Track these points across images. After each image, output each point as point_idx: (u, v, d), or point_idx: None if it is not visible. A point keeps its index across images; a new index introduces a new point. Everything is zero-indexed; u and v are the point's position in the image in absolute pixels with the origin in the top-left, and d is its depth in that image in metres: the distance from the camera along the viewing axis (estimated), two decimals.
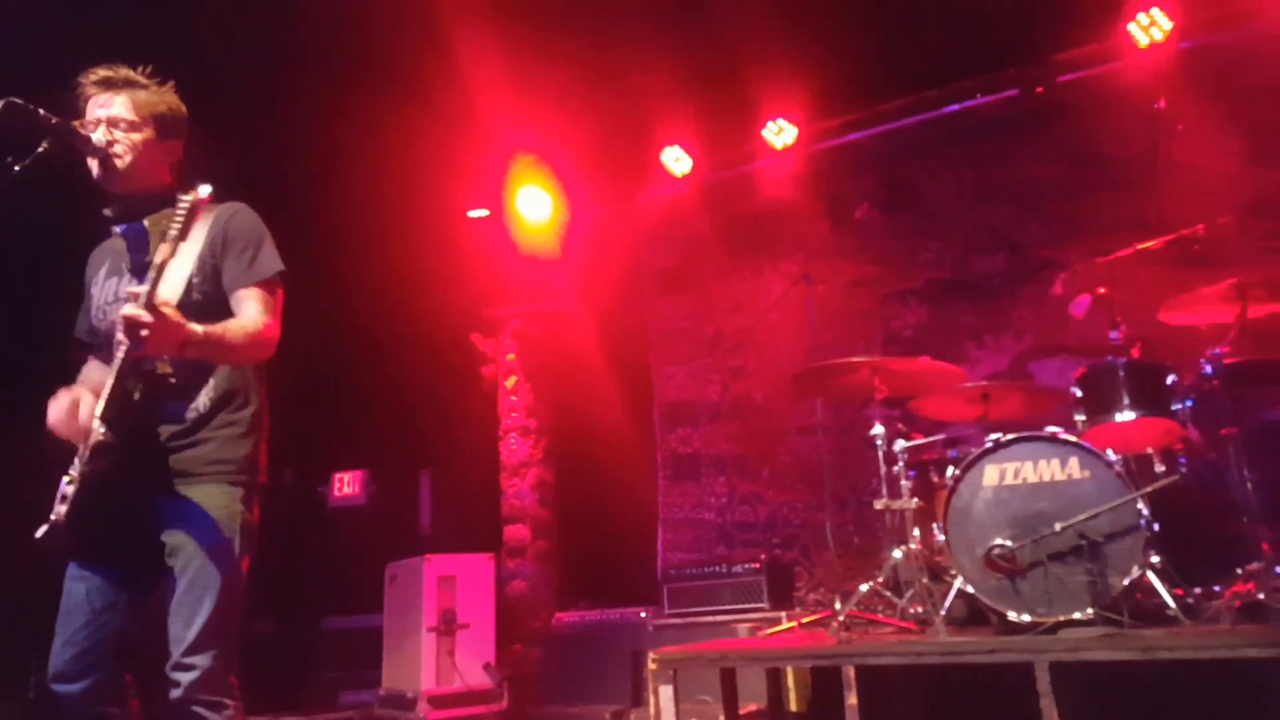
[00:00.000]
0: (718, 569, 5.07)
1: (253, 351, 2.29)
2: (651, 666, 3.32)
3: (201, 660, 2.10)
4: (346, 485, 6.75)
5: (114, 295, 2.36)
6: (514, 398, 6.71)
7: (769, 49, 5.08)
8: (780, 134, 5.90)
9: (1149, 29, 4.84)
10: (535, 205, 6.54)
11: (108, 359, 2.27)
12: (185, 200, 2.10)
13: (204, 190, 2.15)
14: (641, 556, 6.20)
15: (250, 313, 2.29)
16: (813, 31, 4.99)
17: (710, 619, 4.84)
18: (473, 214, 6.63)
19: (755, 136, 5.97)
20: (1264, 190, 4.82)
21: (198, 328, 2.10)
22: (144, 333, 1.99)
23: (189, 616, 2.12)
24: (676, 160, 6.21)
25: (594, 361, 6.38)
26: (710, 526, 6.15)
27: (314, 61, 5.25)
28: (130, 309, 2.00)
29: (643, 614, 5.06)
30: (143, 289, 2.01)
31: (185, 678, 2.09)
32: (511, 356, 6.79)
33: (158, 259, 2.05)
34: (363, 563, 6.12)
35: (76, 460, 2.11)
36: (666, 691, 3.29)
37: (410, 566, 5.45)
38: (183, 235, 2.09)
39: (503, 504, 6.52)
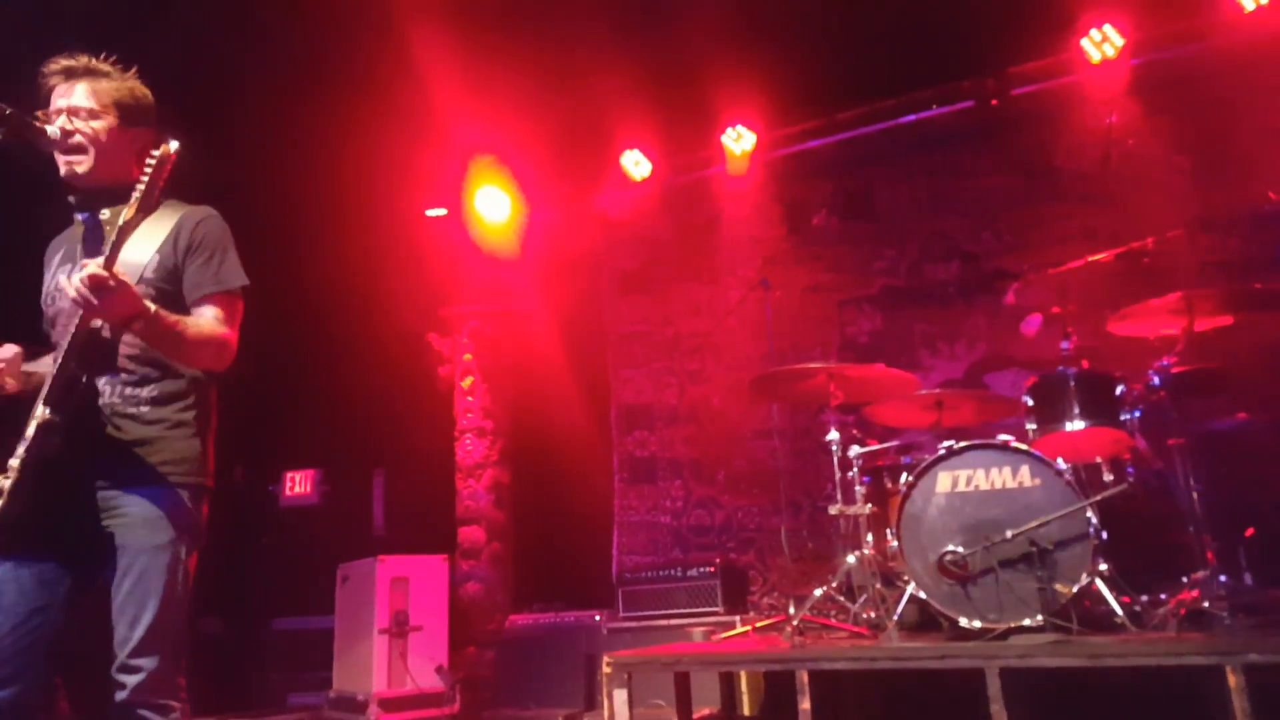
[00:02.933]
0: (673, 572, 5.05)
1: (206, 356, 2.25)
2: (606, 670, 3.30)
3: (148, 662, 2.06)
4: (298, 484, 6.63)
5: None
6: (470, 398, 6.63)
7: (729, 56, 5.09)
8: (739, 140, 5.92)
9: (1101, 45, 4.94)
10: (494, 205, 6.51)
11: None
12: (154, 155, 2.04)
13: (173, 145, 2.08)
14: (597, 559, 6.18)
15: (210, 319, 2.26)
16: (772, 39, 5.02)
17: (665, 622, 4.83)
18: (431, 213, 6.55)
19: (714, 142, 5.99)
20: (1210, 205, 4.94)
21: (151, 304, 2.07)
22: (104, 294, 1.95)
23: (134, 617, 2.07)
24: (636, 164, 6.20)
25: (552, 363, 6.36)
26: (666, 530, 6.13)
27: (269, 59, 5.15)
28: (93, 267, 1.96)
29: (597, 617, 5.02)
30: (103, 256, 1.97)
31: (131, 680, 2.05)
32: (468, 357, 6.72)
33: (120, 220, 2.01)
34: (314, 563, 6.01)
35: (16, 451, 2.05)
36: (621, 695, 3.27)
37: (362, 567, 5.37)
38: (149, 194, 2.04)
39: (457, 505, 6.45)
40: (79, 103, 2.26)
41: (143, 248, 2.23)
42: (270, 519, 6.64)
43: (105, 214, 2.31)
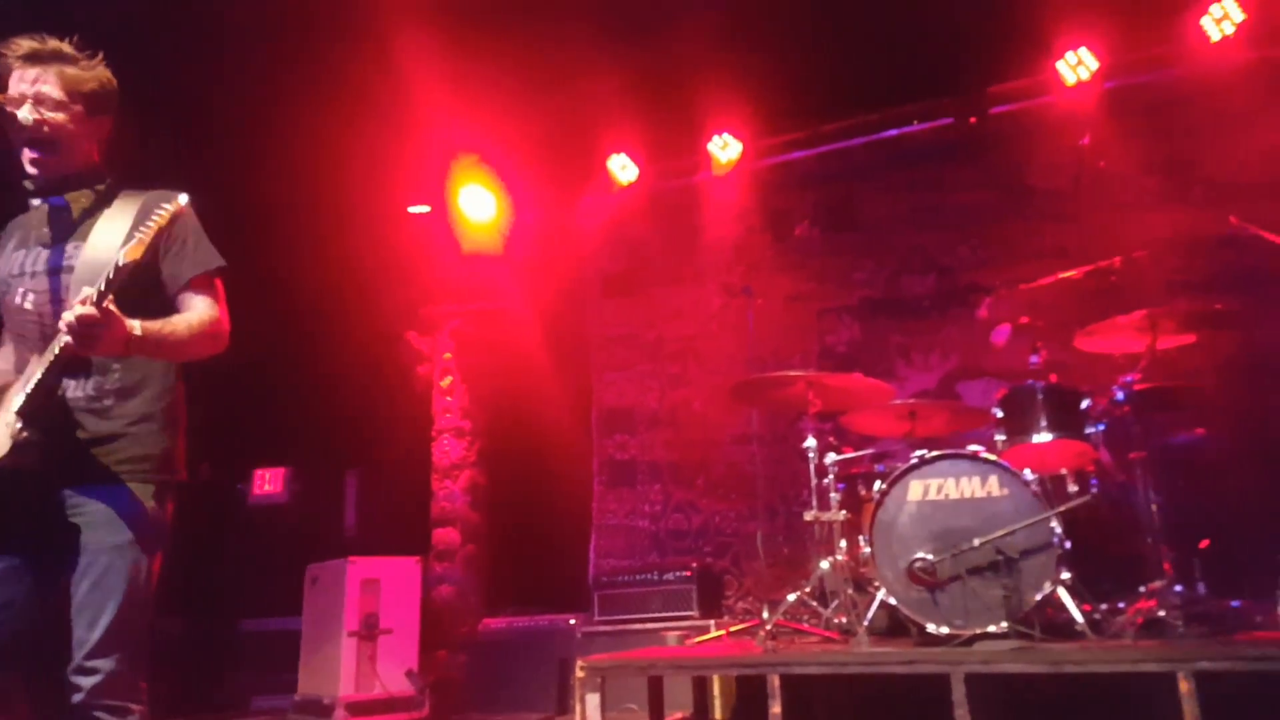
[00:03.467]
0: (649, 576, 5.11)
1: (203, 346, 2.23)
2: (579, 674, 3.32)
3: (105, 664, 2.01)
4: (268, 482, 6.56)
5: (19, 269, 2.26)
6: (449, 398, 6.64)
7: (717, 64, 5.16)
8: (726, 148, 6.00)
9: (1077, 68, 5.06)
10: (478, 204, 6.47)
11: (19, 339, 2.22)
12: (165, 208, 2.02)
13: (183, 199, 2.08)
14: (573, 563, 6.20)
15: (199, 307, 2.23)
16: (759, 50, 5.08)
17: (640, 626, 4.86)
18: (413, 209, 6.54)
19: (701, 149, 6.06)
20: (1176, 228, 5.09)
21: (136, 327, 2.04)
22: (95, 330, 1.94)
23: (93, 618, 2.02)
24: (623, 168, 6.26)
25: (533, 364, 6.36)
26: (644, 534, 6.19)
27: (248, 53, 5.13)
28: (84, 310, 1.93)
29: (572, 621, 5.06)
30: (93, 290, 1.94)
31: (87, 682, 2.00)
32: (448, 356, 6.71)
33: (121, 260, 1.97)
34: (283, 563, 5.89)
35: None
36: (594, 699, 3.29)
37: (332, 568, 5.32)
38: (156, 242, 2.02)
39: (433, 506, 6.44)
40: (47, 91, 2.21)
41: (107, 242, 2.17)
42: (237, 518, 6.54)
43: (67, 199, 2.26)
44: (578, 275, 6.72)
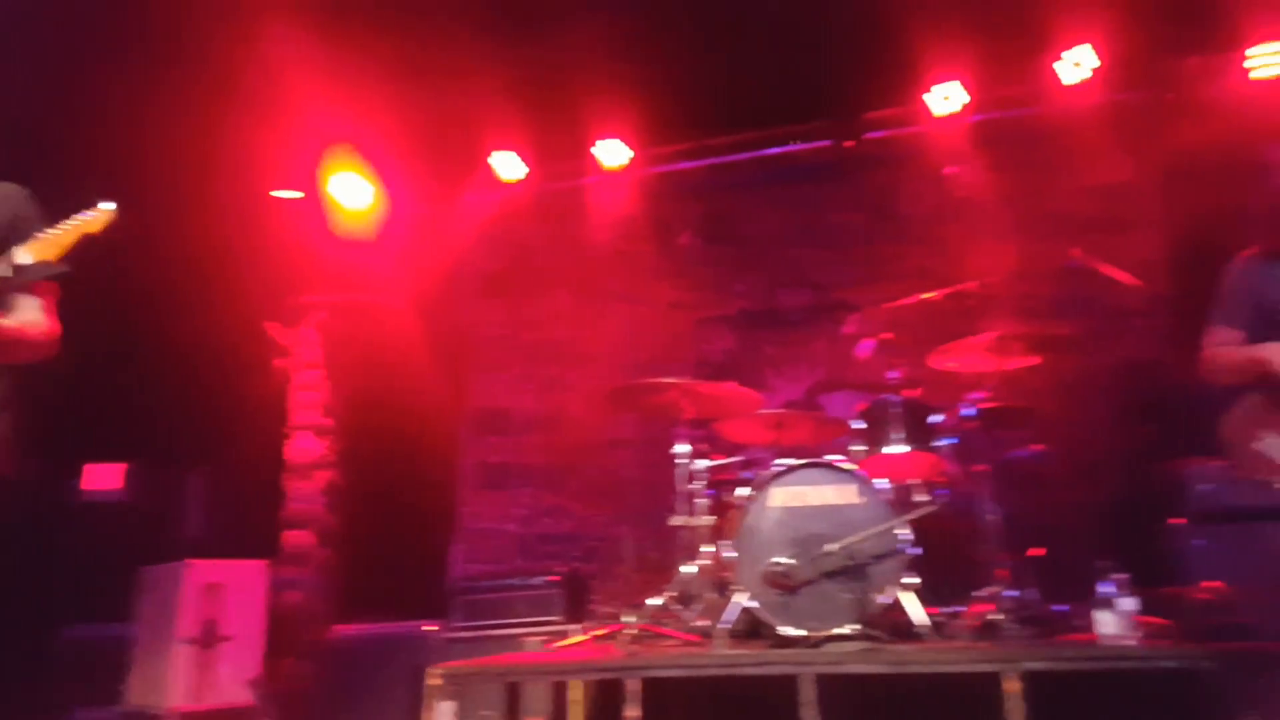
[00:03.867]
0: (513, 581, 5.03)
1: (26, 354, 2.16)
2: (432, 681, 3.26)
3: None
4: (103, 478, 6.08)
5: None
6: (308, 393, 6.36)
7: (605, 70, 5.17)
8: (613, 154, 6.01)
9: (945, 100, 5.34)
10: (351, 192, 6.19)
11: None
12: (80, 218, 1.98)
13: (106, 206, 1.98)
14: (436, 568, 6.01)
15: (33, 310, 2.16)
16: (648, 59, 5.13)
17: (502, 632, 4.79)
18: (278, 194, 6.22)
19: (588, 153, 6.04)
20: (1027, 256, 5.43)
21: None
22: None
23: None
24: (507, 166, 6.17)
25: (403, 361, 6.10)
26: (512, 538, 6.12)
27: (107, 31, 4.81)
28: None
29: (430, 627, 4.93)
30: None
31: None
32: (311, 349, 6.45)
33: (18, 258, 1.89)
34: (116, 566, 5.48)
35: None
36: (447, 707, 3.24)
37: (168, 571, 5.00)
38: (52, 252, 1.95)
39: (285, 507, 6.16)
40: None
41: None
42: (66, 516, 6.06)
43: None
44: (455, 272, 6.55)
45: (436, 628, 4.90)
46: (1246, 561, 3.17)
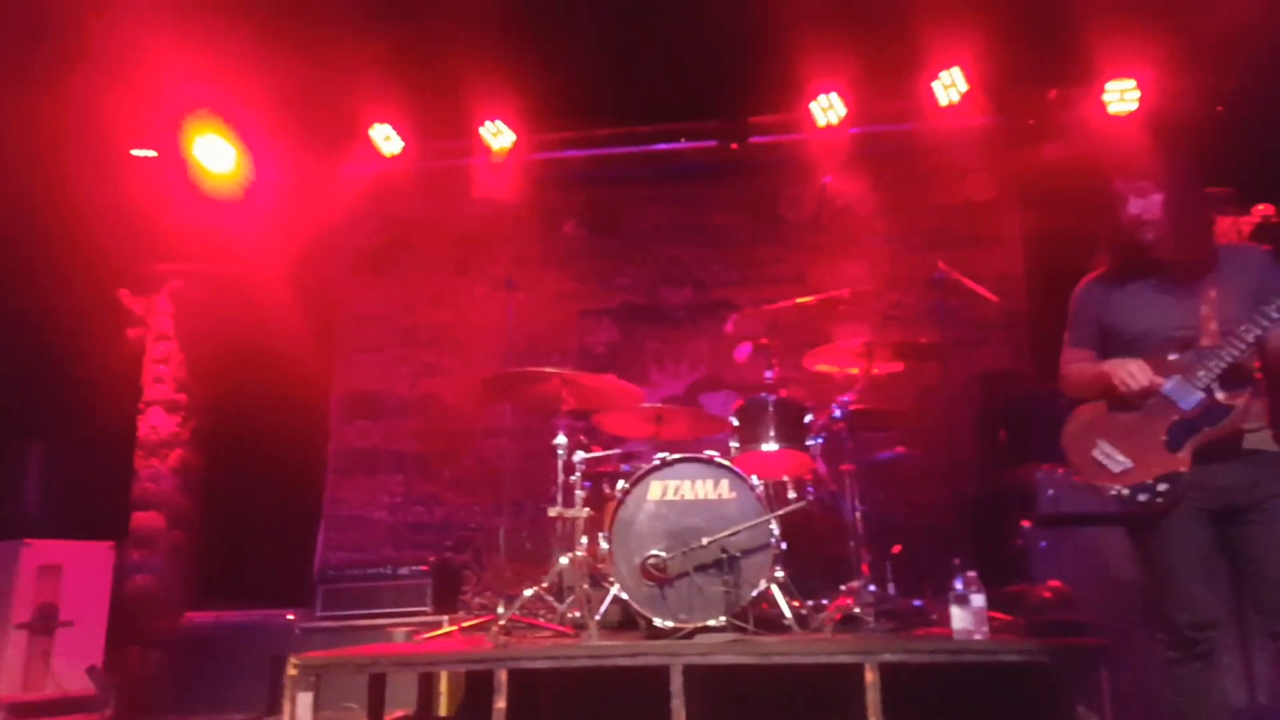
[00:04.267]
0: (381, 570, 4.92)
1: None
2: (291, 672, 3.17)
3: None
4: None
5: None
6: (163, 367, 6.00)
7: (493, 50, 5.05)
8: (499, 136, 5.89)
9: (827, 111, 5.52)
10: (214, 157, 5.78)
11: None
12: None
13: None
14: (299, 555, 5.81)
15: None
16: (537, 43, 5.06)
17: (367, 622, 4.69)
18: (137, 153, 5.79)
19: (473, 133, 5.89)
20: (898, 267, 5.73)
21: None
22: None
23: None
24: (386, 139, 5.91)
25: (267, 337, 5.76)
26: (380, 526, 5.96)
27: None
28: None
29: (290, 616, 4.75)
30: None
31: None
32: (167, 320, 6.07)
33: None
34: None
35: None
36: (305, 699, 3.14)
37: (2, 551, 4.72)
38: None
39: (135, 487, 5.83)
40: None
41: None
42: None
43: None
44: (328, 247, 6.26)
45: (298, 617, 4.73)
46: (1083, 562, 3.45)
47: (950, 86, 5.33)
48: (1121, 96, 5.26)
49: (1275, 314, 2.24)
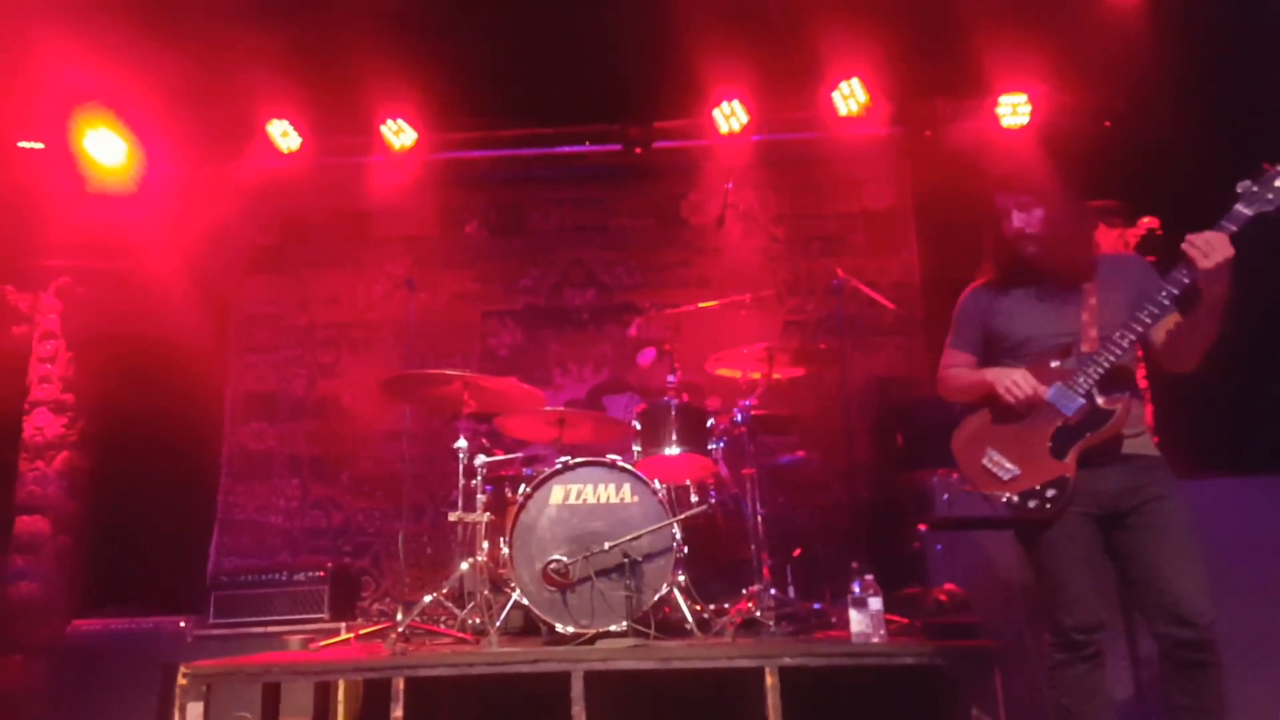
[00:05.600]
0: (276, 576, 4.76)
1: None
2: (181, 681, 3.08)
3: None
4: None
5: None
6: (49, 366, 5.70)
7: (392, 46, 4.94)
8: (399, 134, 5.77)
9: (730, 118, 5.60)
10: (104, 150, 5.61)
11: None
12: None
13: None
14: (191, 561, 5.60)
15: None
16: (439, 42, 4.98)
17: (261, 630, 4.56)
18: (24, 145, 5.51)
19: (374, 130, 5.77)
20: (797, 273, 5.86)
21: None
22: None
23: None
24: (284, 135, 5.76)
25: (158, 336, 5.55)
26: (276, 530, 5.76)
27: None
28: None
29: (182, 624, 4.56)
30: None
31: None
32: (54, 318, 5.77)
33: None
34: None
35: None
36: (195, 709, 3.07)
37: None
38: None
39: (18, 490, 5.54)
40: None
41: None
42: None
43: None
44: (222, 243, 6.03)
45: (190, 624, 4.54)
46: (977, 565, 3.56)
47: (849, 97, 5.47)
48: (1014, 110, 5.47)
49: (1148, 320, 2.33)
